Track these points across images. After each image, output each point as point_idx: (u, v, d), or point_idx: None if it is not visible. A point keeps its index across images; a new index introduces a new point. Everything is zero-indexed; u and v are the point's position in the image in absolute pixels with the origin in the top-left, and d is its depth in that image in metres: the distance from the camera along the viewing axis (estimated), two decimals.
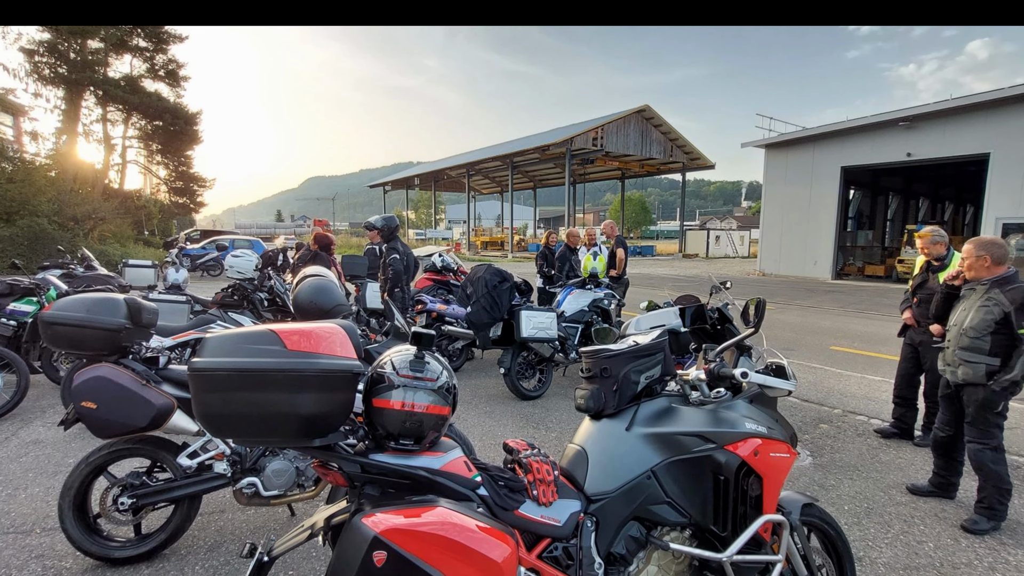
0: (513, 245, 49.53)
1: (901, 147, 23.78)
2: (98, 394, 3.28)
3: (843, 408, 7.02)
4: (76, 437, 5.56)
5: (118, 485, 3.55)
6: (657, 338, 2.79)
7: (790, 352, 10.00)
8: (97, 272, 9.43)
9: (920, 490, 4.73)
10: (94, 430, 3.32)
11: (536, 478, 2.28)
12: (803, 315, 15.16)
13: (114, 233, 27.96)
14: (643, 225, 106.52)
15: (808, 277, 27.13)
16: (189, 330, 6.14)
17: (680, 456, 2.47)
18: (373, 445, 2.09)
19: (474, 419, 6.48)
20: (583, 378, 2.68)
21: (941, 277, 5.24)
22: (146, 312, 3.69)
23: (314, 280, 4.34)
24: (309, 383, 1.86)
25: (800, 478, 4.98)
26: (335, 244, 9.56)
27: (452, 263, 11.22)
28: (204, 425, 1.88)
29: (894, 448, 5.75)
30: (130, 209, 33.30)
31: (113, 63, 34.47)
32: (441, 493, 2.04)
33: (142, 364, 3.62)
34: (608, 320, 8.58)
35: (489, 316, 7.49)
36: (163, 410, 3.40)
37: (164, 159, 38.54)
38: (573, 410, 5.71)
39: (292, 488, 3.72)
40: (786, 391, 2.74)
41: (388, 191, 69.63)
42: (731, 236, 55.42)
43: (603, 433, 2.58)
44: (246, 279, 8.33)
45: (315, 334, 1.96)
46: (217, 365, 1.84)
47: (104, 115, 34.55)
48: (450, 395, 2.12)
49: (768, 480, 2.52)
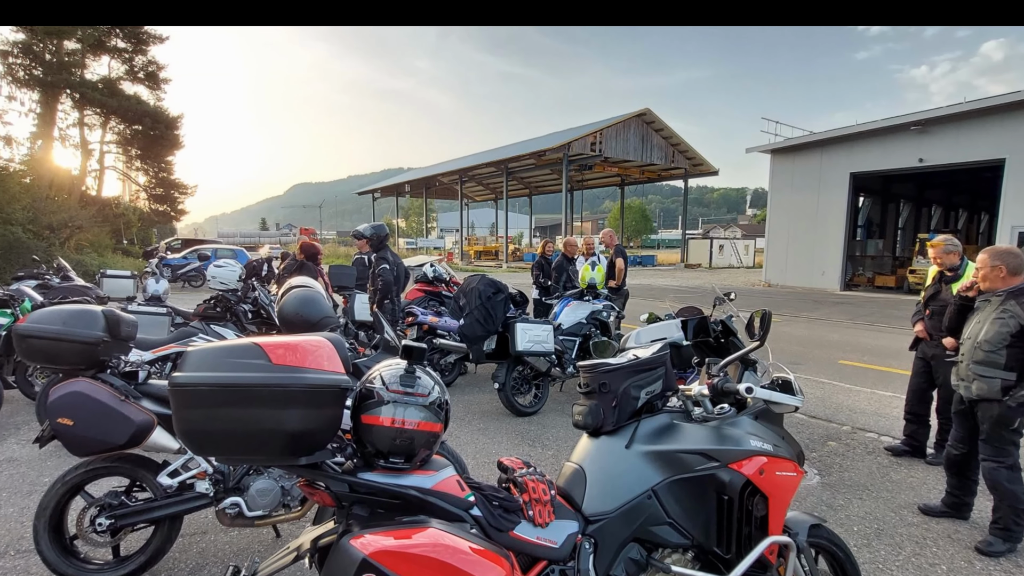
0: (508, 255, 49.58)
1: (913, 152, 23.87)
2: (75, 410, 3.27)
3: (852, 425, 7.03)
4: (52, 455, 5.53)
5: (96, 505, 3.53)
6: (658, 352, 2.79)
7: (797, 366, 10.02)
8: (74, 283, 9.42)
9: (932, 510, 4.73)
10: (71, 448, 3.31)
11: (532, 498, 2.28)
12: (810, 328, 15.19)
13: (91, 242, 27.87)
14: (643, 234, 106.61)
15: (816, 288, 27.18)
16: (170, 343, 6.13)
17: (682, 475, 2.48)
18: (362, 463, 2.09)
19: (467, 436, 6.47)
20: (581, 393, 2.68)
21: (954, 288, 5.22)
22: (125, 324, 3.68)
23: (300, 291, 4.35)
24: (295, 399, 1.86)
25: (807, 498, 4.98)
26: (322, 254, 9.56)
27: (444, 273, 11.21)
28: (185, 443, 1.89)
29: (905, 466, 5.76)
30: (108, 217, 33.25)
31: (90, 65, 34.60)
32: (433, 514, 2.04)
33: (121, 379, 3.60)
34: (607, 333, 8.59)
35: (483, 329, 7.49)
36: (143, 427, 3.39)
37: (144, 165, 38.55)
38: (570, 427, 5.70)
39: (277, 508, 3.70)
40: (793, 407, 2.75)
41: (377, 198, 69.70)
42: (735, 245, 55.55)
43: (602, 451, 2.58)
44: (229, 290, 8.31)
45: (301, 348, 1.97)
46: (199, 380, 1.84)
47: (81, 119, 34.57)
48: (442, 411, 2.13)
49: (774, 500, 2.53)
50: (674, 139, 45.96)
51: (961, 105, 22.56)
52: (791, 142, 29.08)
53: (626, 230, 78.12)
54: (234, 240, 64.56)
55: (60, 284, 9.10)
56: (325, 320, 4.23)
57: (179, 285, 23.68)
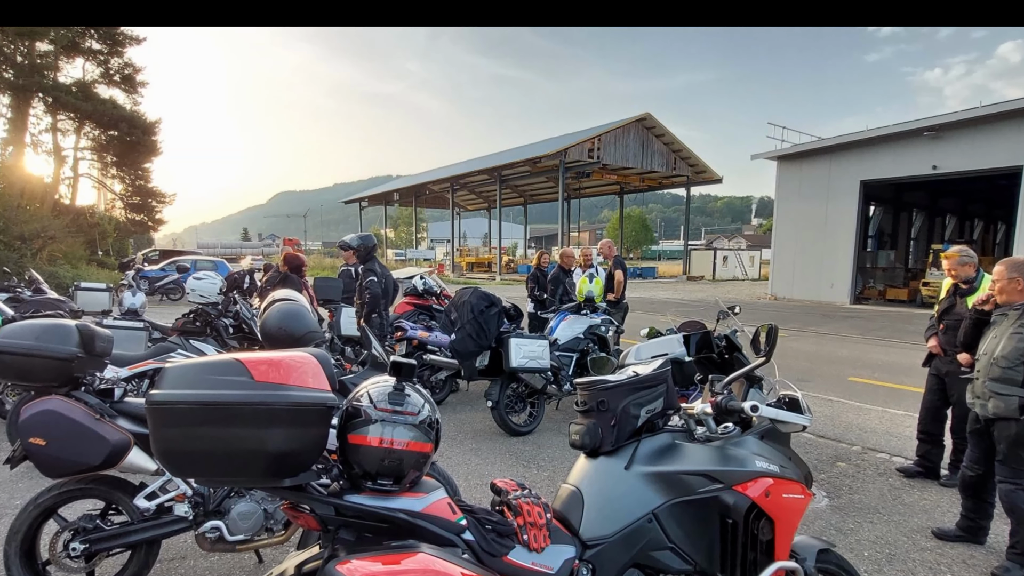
0: (502, 266, 49.58)
1: (926, 159, 23.87)
2: (48, 429, 3.26)
3: (863, 445, 7.05)
4: (23, 476, 5.50)
5: (69, 529, 3.52)
6: (659, 368, 2.80)
7: (804, 383, 10.04)
8: (46, 296, 9.39)
9: (947, 534, 4.73)
10: (43, 469, 3.29)
11: (527, 521, 2.29)
12: (819, 343, 15.23)
13: (65, 253, 27.79)
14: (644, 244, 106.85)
15: (824, 301, 27.23)
16: (147, 359, 6.12)
17: (684, 497, 2.48)
18: (348, 485, 2.09)
19: (459, 457, 6.46)
20: (578, 412, 2.69)
21: (970, 301, 5.22)
22: (100, 340, 3.67)
23: (284, 305, 4.35)
24: (278, 417, 1.86)
25: (816, 521, 4.98)
26: (306, 265, 9.55)
27: (435, 286, 11.22)
28: (163, 463, 1.89)
29: (918, 488, 5.77)
30: (83, 227, 33.19)
31: (64, 67, 34.61)
32: (423, 538, 2.04)
33: (96, 396, 3.59)
34: (605, 348, 8.59)
35: (475, 344, 7.48)
36: (119, 447, 3.38)
37: (120, 172, 38.48)
38: (567, 447, 5.69)
39: (260, 532, 3.69)
40: (800, 426, 2.76)
41: (365, 207, 69.75)
42: (740, 256, 55.72)
43: (600, 472, 2.58)
44: (209, 304, 8.30)
45: (285, 364, 1.97)
46: (178, 398, 1.84)
47: (54, 124, 34.54)
48: (432, 430, 2.13)
49: (780, 523, 2.53)
50: (676, 145, 46.10)
51: (977, 110, 22.60)
52: (799, 148, 29.19)
53: (625, 240, 78.27)
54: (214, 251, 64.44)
55: (32, 297, 9.08)
56: (310, 335, 4.22)
57: (157, 298, 23.61)
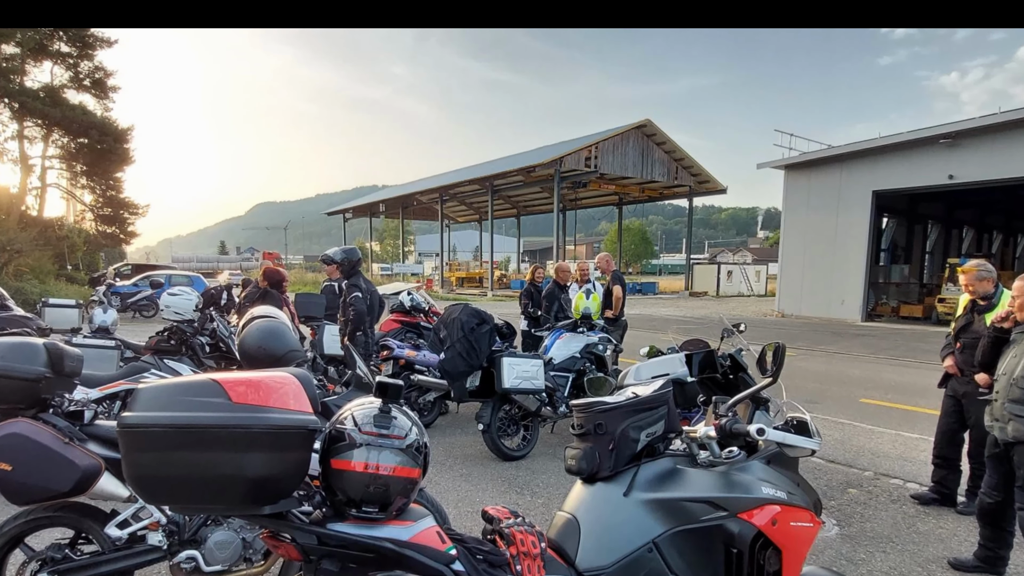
0: (493, 281, 49.64)
1: (942, 168, 23.91)
2: (14, 454, 3.24)
3: (875, 470, 7.06)
4: None
5: (37, 559, 3.50)
6: (660, 389, 2.80)
7: (813, 405, 10.04)
8: (12, 313, 9.34)
9: (964, 565, 4.73)
10: (9, 496, 3.28)
11: (520, 551, 2.28)
12: (829, 362, 15.27)
13: (32, 268, 27.66)
14: (644, 258, 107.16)
15: (834, 318, 27.29)
16: (119, 380, 6.12)
17: (686, 526, 2.48)
18: (331, 513, 2.09)
19: (448, 483, 6.45)
20: (574, 435, 2.70)
21: (988, 319, 5.22)
22: (69, 359, 3.66)
23: (263, 322, 4.35)
24: (258, 441, 1.87)
25: (825, 551, 4.98)
26: (287, 280, 9.56)
27: (423, 302, 11.21)
28: (136, 489, 1.89)
29: (934, 516, 5.78)
30: (51, 240, 33.04)
31: (31, 71, 34.51)
32: (410, 568, 2.04)
33: (64, 419, 3.57)
34: (603, 368, 8.60)
35: (466, 364, 7.47)
36: (89, 472, 3.36)
37: (90, 182, 38.32)
38: (562, 473, 5.68)
39: (238, 563, 3.68)
40: (809, 450, 2.77)
41: (349, 219, 69.75)
42: (745, 271, 55.83)
43: (597, 499, 2.59)
44: (184, 321, 8.27)
45: (264, 385, 1.98)
46: (151, 420, 1.84)
47: (20, 131, 34.42)
48: (420, 455, 2.13)
49: (788, 553, 2.53)
50: (677, 153, 46.31)
51: (995, 116, 22.62)
52: (807, 157, 29.33)
53: (624, 254, 78.47)
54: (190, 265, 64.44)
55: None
56: (291, 354, 4.23)
57: (129, 315, 23.54)
